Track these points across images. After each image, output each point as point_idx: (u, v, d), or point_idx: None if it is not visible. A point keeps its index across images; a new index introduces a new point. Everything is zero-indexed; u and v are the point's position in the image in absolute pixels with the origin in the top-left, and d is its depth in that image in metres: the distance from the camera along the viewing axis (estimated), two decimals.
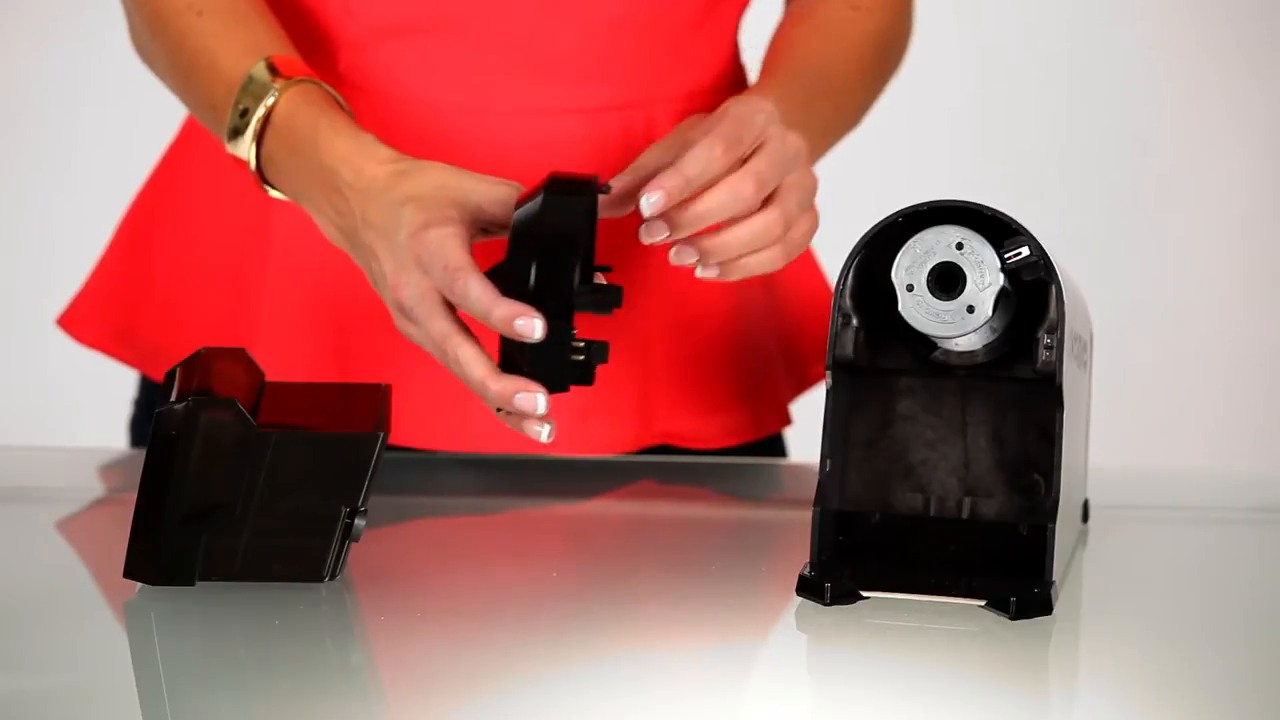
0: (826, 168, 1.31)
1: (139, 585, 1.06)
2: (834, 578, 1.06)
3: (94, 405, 2.04)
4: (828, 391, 1.09)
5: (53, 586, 1.12)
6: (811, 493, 1.09)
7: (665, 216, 1.12)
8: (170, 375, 1.12)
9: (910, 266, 1.05)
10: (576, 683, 0.96)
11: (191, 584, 1.06)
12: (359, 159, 1.17)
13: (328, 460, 1.06)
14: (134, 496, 1.05)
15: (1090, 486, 1.24)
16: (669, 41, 1.35)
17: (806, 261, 1.49)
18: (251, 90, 1.22)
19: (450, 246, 1.10)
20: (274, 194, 1.23)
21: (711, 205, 1.13)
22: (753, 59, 1.44)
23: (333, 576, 1.08)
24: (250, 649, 1.00)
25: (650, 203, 1.11)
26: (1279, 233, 3.01)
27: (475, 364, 1.09)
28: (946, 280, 1.05)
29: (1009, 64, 2.95)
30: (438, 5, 1.31)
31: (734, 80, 1.42)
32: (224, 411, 1.04)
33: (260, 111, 1.21)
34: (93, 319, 1.43)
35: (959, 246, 1.05)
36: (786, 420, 1.46)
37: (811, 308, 1.48)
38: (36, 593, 1.12)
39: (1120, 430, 2.62)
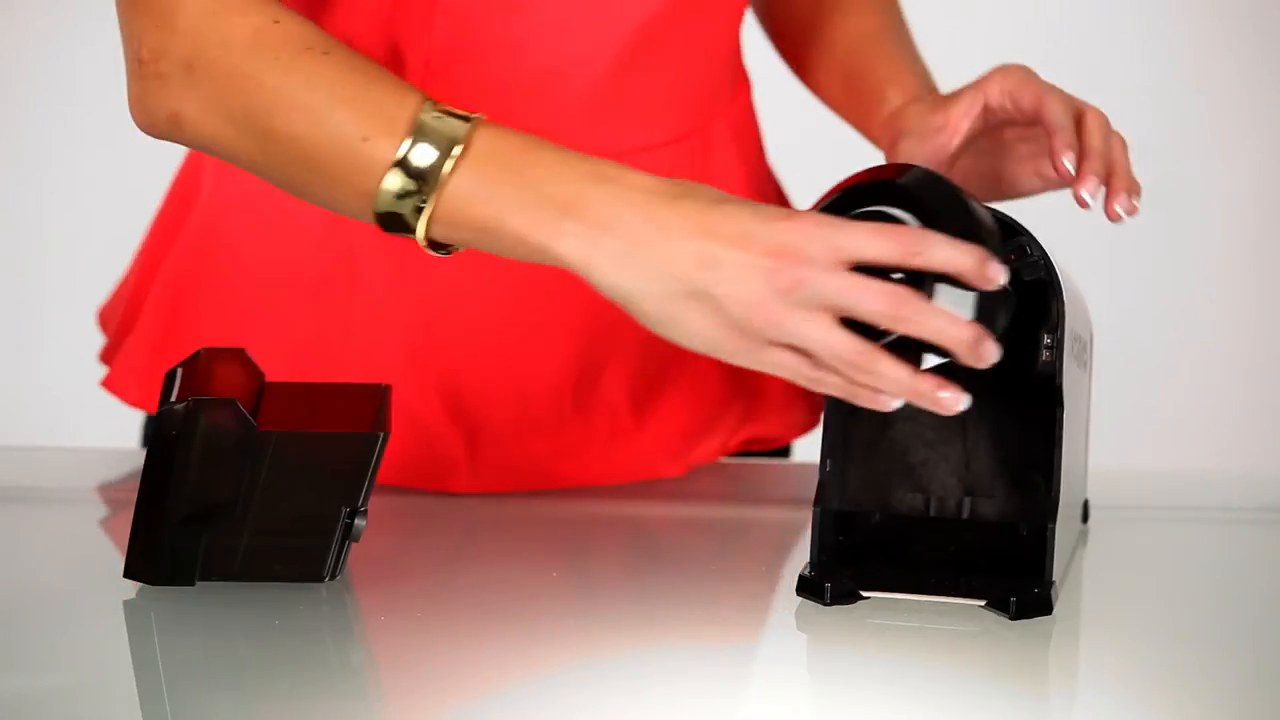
0: (827, 166, 1.31)
1: (139, 585, 1.06)
2: (834, 578, 1.06)
3: (93, 406, 2.04)
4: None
5: (53, 586, 1.12)
6: (811, 493, 1.09)
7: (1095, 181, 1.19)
8: (171, 375, 1.12)
9: None
10: (576, 683, 0.97)
11: (191, 584, 1.06)
12: (608, 167, 1.06)
13: (328, 460, 1.06)
14: (134, 497, 1.05)
15: (1090, 486, 1.24)
16: (716, 66, 1.36)
17: None
18: (429, 130, 1.08)
19: (809, 219, 1.02)
20: (424, 234, 1.09)
21: (1098, 143, 1.21)
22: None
23: (333, 576, 1.08)
24: (250, 649, 1.00)
25: (1093, 187, 1.20)
26: (1278, 232, 3.00)
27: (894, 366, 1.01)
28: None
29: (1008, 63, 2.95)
30: (518, 65, 1.29)
31: (747, 90, 1.44)
32: (224, 411, 1.04)
33: (457, 150, 1.07)
34: (142, 381, 1.39)
35: None
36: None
37: None
38: (36, 593, 1.12)
39: (1120, 430, 2.62)
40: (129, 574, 1.06)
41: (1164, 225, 2.99)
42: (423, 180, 1.07)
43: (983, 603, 1.05)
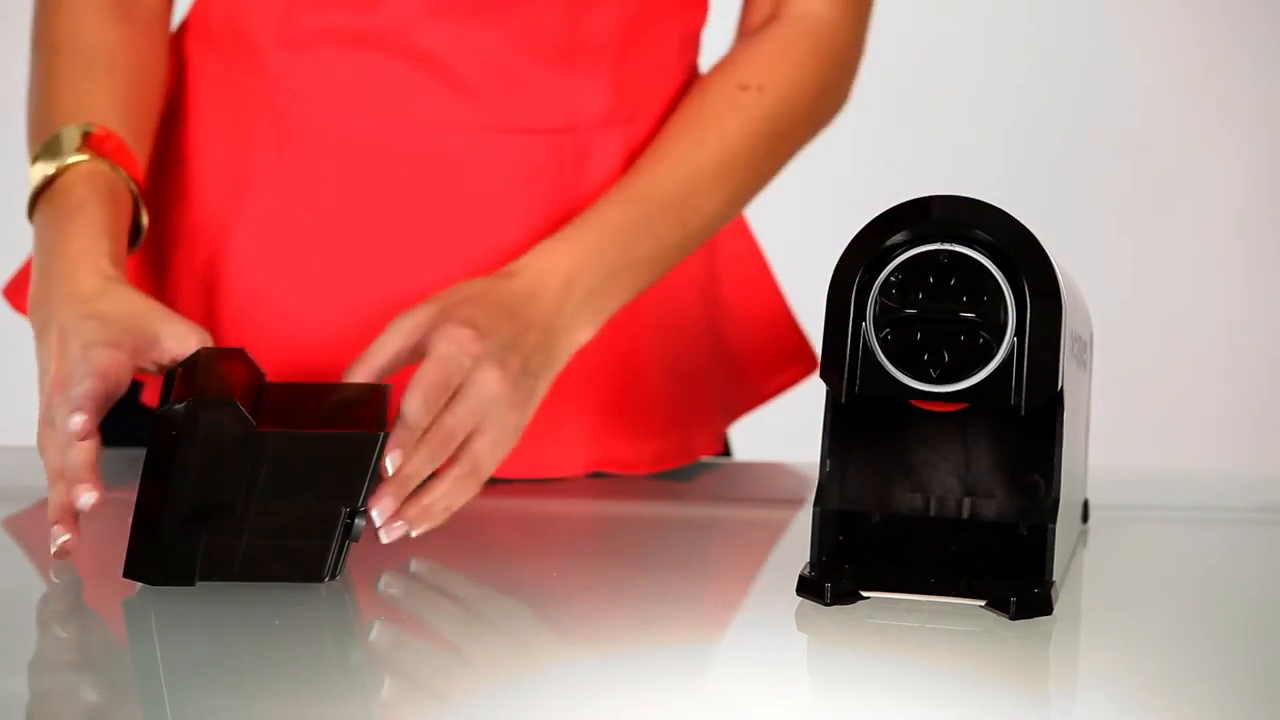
0: (824, 163, 1.31)
1: (139, 585, 1.06)
2: (834, 578, 1.06)
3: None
4: (828, 391, 1.09)
5: (52, 586, 1.12)
6: (811, 493, 1.09)
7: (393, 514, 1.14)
8: (170, 375, 1.12)
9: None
10: (576, 682, 0.96)
11: (191, 584, 1.06)
12: (83, 263, 1.20)
13: (328, 460, 1.06)
14: (132, 498, 1.05)
15: (1090, 486, 1.24)
16: (592, 70, 1.35)
17: (756, 274, 1.49)
18: (51, 147, 1.26)
19: (107, 371, 1.13)
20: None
21: (412, 472, 1.14)
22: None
23: (333, 576, 1.08)
24: (250, 649, 1.00)
25: (383, 513, 1.12)
26: (1278, 232, 3.01)
27: (83, 452, 1.11)
28: None
29: (1008, 63, 2.95)
30: (369, 16, 1.32)
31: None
32: (224, 412, 1.04)
33: (49, 170, 1.25)
34: (25, 289, 1.42)
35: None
36: (719, 446, 1.47)
37: (760, 325, 1.48)
38: (36, 593, 1.12)
39: (1120, 430, 2.62)
40: (129, 574, 1.06)
41: (1163, 225, 2.99)
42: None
43: (983, 603, 1.05)
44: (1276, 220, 2.99)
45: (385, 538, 1.13)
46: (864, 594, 1.06)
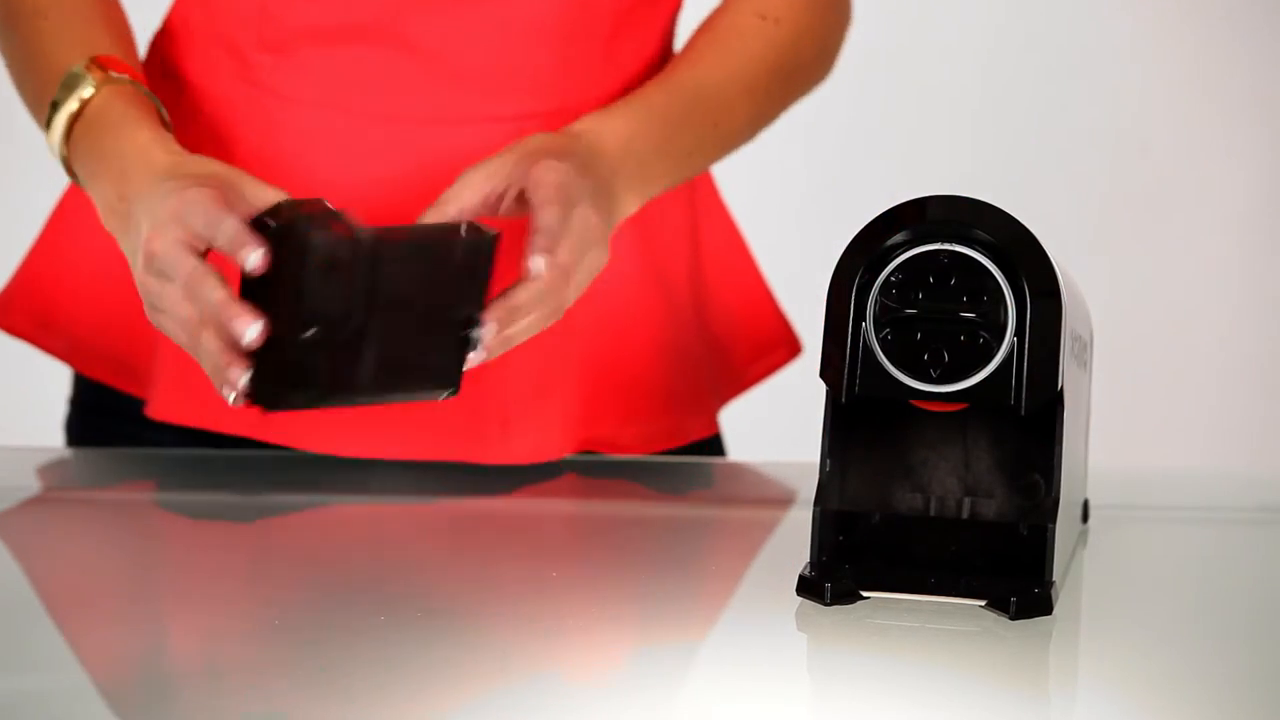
0: (821, 163, 1.31)
1: (136, 587, 1.06)
2: (834, 578, 1.06)
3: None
4: (828, 391, 1.09)
5: (53, 587, 1.12)
6: (811, 493, 1.09)
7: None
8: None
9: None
10: (576, 683, 0.96)
11: (317, 404, 1.03)
12: (154, 150, 1.20)
13: (440, 263, 1.04)
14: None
15: (1090, 486, 1.24)
16: (588, 50, 1.35)
17: (738, 261, 1.49)
18: (67, 83, 1.26)
19: (210, 199, 1.12)
20: (81, 183, 1.26)
21: (522, 304, 1.14)
22: None
23: (456, 390, 1.05)
24: (253, 649, 1.00)
25: (487, 335, 1.12)
26: (1278, 232, 3.01)
27: (218, 289, 1.09)
28: None
29: (1009, 63, 2.95)
30: (354, 11, 1.31)
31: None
32: (331, 222, 1.03)
33: (73, 105, 1.25)
34: (16, 306, 1.42)
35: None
36: (712, 428, 1.47)
37: (744, 311, 1.48)
38: (35, 592, 1.12)
39: (1120, 430, 2.62)
40: (256, 401, 1.03)
41: (1164, 225, 2.99)
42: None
43: (983, 603, 1.05)
44: (1276, 220, 2.99)
45: (475, 360, 1.12)
46: (864, 594, 1.06)
